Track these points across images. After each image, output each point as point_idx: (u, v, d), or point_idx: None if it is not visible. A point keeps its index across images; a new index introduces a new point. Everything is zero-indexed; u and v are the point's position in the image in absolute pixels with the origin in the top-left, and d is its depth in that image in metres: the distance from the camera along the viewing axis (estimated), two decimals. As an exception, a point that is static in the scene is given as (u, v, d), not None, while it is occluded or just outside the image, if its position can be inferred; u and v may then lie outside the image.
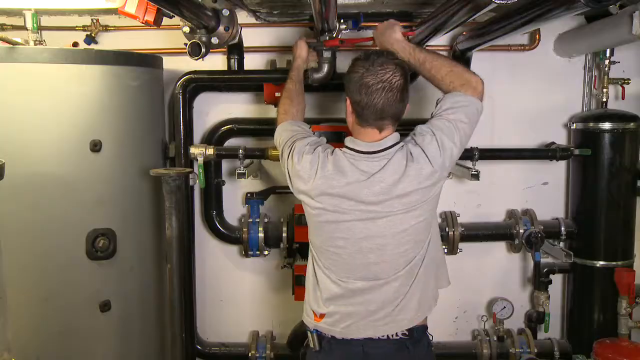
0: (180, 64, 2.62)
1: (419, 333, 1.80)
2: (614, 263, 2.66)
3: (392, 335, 1.77)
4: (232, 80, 2.71)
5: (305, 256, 2.49)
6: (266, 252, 2.69)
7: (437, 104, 1.79)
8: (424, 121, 1.79)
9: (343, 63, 2.49)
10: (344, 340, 1.79)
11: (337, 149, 1.76)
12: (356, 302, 1.77)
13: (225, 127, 2.72)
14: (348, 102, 1.74)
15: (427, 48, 2.03)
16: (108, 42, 2.72)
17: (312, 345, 1.86)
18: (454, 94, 1.76)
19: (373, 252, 1.73)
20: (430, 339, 1.88)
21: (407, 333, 1.77)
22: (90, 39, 2.68)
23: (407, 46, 1.90)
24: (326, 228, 1.76)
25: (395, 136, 1.74)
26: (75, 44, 2.44)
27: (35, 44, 2.20)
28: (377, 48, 2.02)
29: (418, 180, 1.67)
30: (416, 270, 1.76)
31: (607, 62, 2.67)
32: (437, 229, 1.87)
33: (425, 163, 1.68)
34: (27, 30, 2.20)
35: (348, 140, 1.77)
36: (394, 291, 1.76)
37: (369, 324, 1.77)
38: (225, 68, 2.67)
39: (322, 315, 1.82)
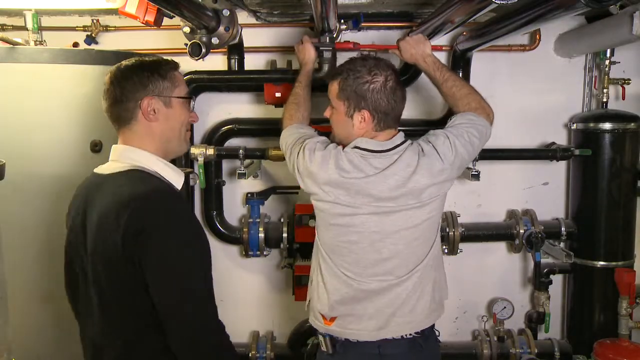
0: (180, 64, 2.61)
1: (428, 330, 1.84)
2: (614, 263, 2.65)
3: (405, 335, 1.78)
4: (233, 81, 2.70)
5: (305, 256, 2.49)
6: (266, 253, 2.69)
7: (449, 120, 1.90)
8: (425, 121, 1.84)
9: (343, 63, 2.49)
10: (358, 342, 1.79)
11: (347, 148, 1.77)
12: (369, 305, 1.77)
13: (226, 127, 2.71)
14: (364, 112, 1.73)
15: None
16: (108, 42, 2.71)
17: (324, 349, 1.84)
18: (469, 113, 1.89)
19: (386, 247, 1.74)
20: (438, 334, 1.91)
21: (419, 331, 1.80)
22: (90, 39, 2.68)
23: (437, 62, 2.01)
24: (339, 221, 1.75)
25: (402, 135, 1.80)
26: (75, 44, 2.44)
27: (35, 44, 2.20)
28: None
29: (430, 173, 1.72)
30: (427, 270, 1.80)
31: (607, 62, 2.67)
32: (439, 234, 1.89)
33: (436, 159, 1.74)
34: (28, 30, 2.21)
35: (360, 141, 1.75)
36: (407, 292, 1.77)
37: (383, 326, 1.77)
38: (226, 68, 2.66)
39: (332, 319, 1.81)
